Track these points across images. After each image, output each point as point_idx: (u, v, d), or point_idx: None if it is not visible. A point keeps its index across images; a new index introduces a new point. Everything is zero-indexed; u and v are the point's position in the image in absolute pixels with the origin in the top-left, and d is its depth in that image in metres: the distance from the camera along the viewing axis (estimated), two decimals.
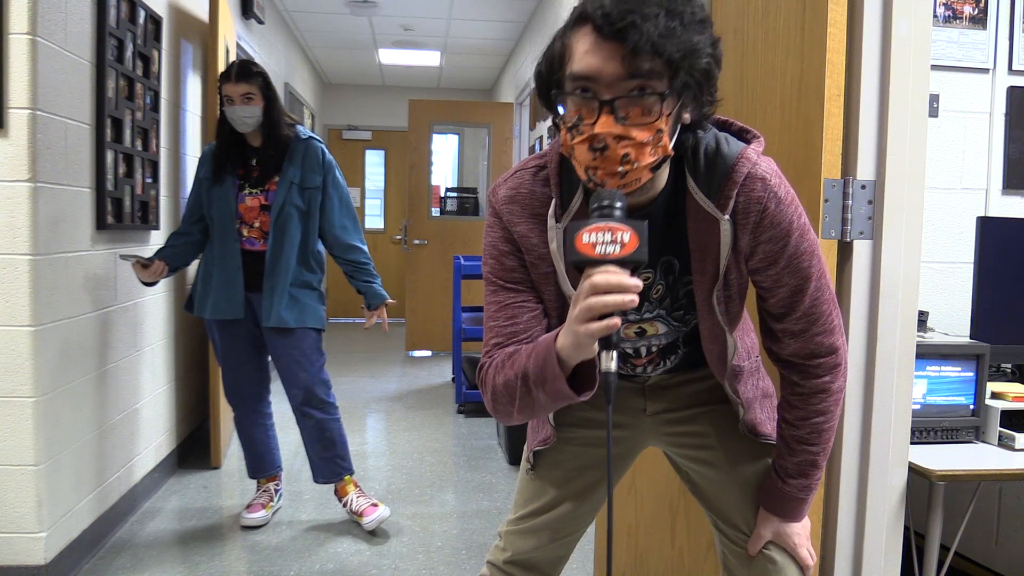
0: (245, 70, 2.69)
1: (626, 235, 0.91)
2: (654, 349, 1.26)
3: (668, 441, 1.36)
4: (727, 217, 1.06)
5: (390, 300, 2.89)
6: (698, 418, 1.32)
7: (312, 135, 2.84)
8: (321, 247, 2.85)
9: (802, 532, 1.25)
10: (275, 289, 2.71)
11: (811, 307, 1.13)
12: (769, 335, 1.19)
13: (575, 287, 1.12)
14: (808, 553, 1.25)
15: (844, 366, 1.19)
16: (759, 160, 1.08)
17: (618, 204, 0.94)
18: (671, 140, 1.00)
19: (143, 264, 2.67)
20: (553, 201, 1.12)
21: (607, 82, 0.95)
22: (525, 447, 1.44)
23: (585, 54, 0.96)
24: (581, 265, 0.93)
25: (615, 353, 0.93)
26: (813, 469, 1.21)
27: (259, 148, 2.76)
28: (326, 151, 2.82)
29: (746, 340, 1.26)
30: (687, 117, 1.03)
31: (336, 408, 2.86)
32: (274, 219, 2.70)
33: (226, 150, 2.75)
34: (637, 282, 0.92)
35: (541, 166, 1.16)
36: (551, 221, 1.12)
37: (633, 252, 0.91)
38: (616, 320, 0.91)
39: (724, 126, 1.15)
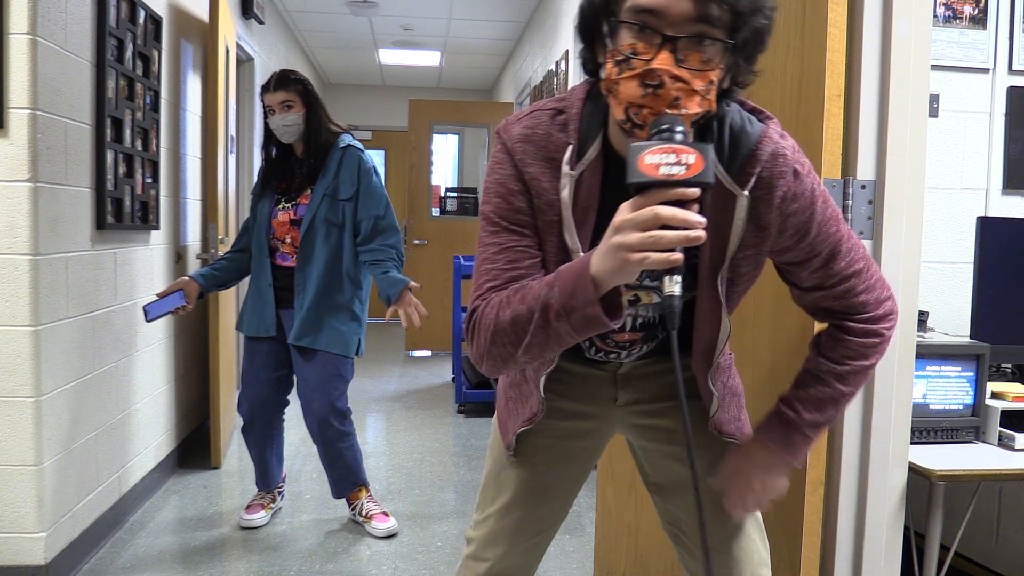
0: (283, 78, 2.67)
1: (691, 157, 0.89)
2: (639, 323, 1.24)
3: (636, 433, 1.36)
4: (746, 193, 1.06)
5: (413, 284, 2.65)
6: (668, 412, 1.31)
7: (353, 142, 2.76)
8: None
9: (774, 491, 1.23)
10: (303, 307, 2.68)
11: (846, 268, 1.13)
12: (811, 306, 1.20)
13: (581, 238, 1.10)
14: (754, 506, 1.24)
15: (895, 315, 1.18)
16: (780, 140, 1.08)
17: (679, 128, 0.92)
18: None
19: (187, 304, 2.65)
20: (570, 148, 1.09)
21: (672, 20, 0.93)
22: (492, 438, 1.41)
23: None
24: (643, 187, 0.91)
25: (679, 277, 0.91)
26: (832, 408, 1.19)
27: (302, 158, 2.73)
28: (364, 158, 2.73)
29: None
30: (725, 82, 1.01)
31: (350, 435, 2.79)
32: (303, 235, 2.68)
33: (273, 163, 2.75)
34: (701, 219, 0.90)
35: (559, 110, 1.12)
36: (565, 168, 1.09)
37: (699, 173, 0.89)
38: (680, 256, 0.89)
39: (739, 104, 1.14)
